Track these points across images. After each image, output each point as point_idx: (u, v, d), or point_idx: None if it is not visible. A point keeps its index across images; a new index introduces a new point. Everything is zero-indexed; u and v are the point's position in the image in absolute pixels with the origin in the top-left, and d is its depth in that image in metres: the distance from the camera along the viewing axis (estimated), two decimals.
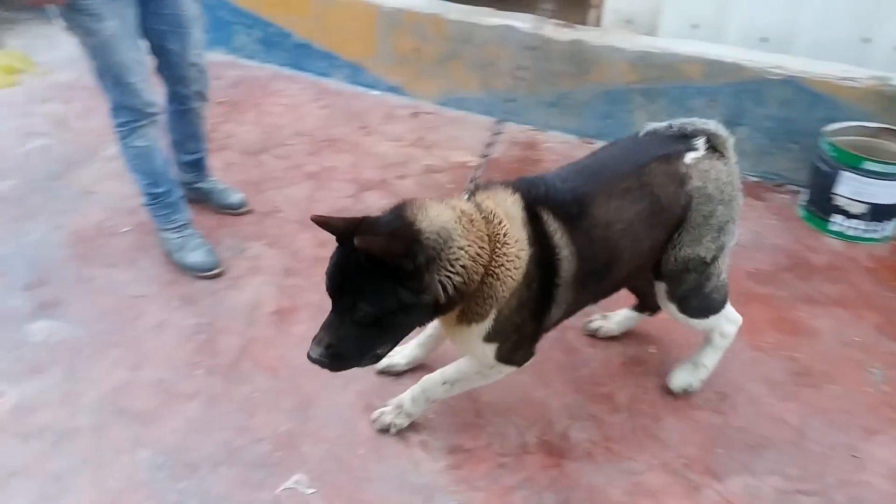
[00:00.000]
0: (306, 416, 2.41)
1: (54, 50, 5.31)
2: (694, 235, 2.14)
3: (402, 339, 1.98)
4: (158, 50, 2.85)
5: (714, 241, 2.16)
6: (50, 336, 2.71)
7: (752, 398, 2.53)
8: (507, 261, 1.87)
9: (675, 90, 3.88)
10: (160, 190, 2.98)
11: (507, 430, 2.38)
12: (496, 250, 1.87)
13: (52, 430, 2.34)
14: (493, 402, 2.48)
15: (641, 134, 2.28)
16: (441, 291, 1.79)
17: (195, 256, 3.02)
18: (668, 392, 2.52)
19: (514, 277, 1.89)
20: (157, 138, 2.88)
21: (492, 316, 1.93)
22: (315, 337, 1.87)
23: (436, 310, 1.85)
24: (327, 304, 2.89)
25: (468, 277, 1.83)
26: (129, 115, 2.76)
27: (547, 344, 2.70)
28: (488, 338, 1.99)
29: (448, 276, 1.79)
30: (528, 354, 2.15)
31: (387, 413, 2.35)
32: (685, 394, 2.51)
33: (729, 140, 2.22)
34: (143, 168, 2.91)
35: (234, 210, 3.48)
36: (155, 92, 2.82)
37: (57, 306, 2.85)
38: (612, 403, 2.49)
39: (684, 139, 2.17)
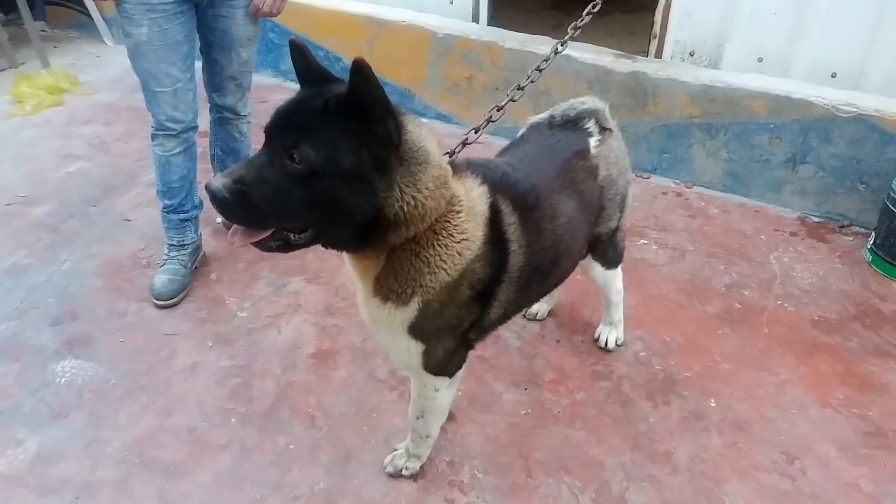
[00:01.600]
0: (346, 473, 2.27)
1: (100, 69, 5.31)
2: (606, 216, 2.30)
3: (324, 232, 1.56)
4: (205, 58, 2.93)
5: (620, 209, 2.38)
6: (76, 377, 2.59)
7: (822, 461, 2.35)
8: (446, 254, 1.67)
9: (737, 126, 3.72)
10: (168, 202, 3.01)
11: (560, 492, 2.23)
12: (438, 237, 1.66)
13: (72, 485, 2.21)
14: (545, 459, 2.33)
15: (527, 128, 2.36)
16: (394, 196, 1.50)
17: (156, 280, 2.98)
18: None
19: (448, 272, 1.69)
20: (178, 153, 2.90)
21: (416, 304, 1.71)
22: (227, 169, 1.56)
23: (371, 224, 1.53)
24: (370, 346, 2.79)
25: (410, 218, 1.55)
26: (153, 121, 2.83)
27: (602, 395, 2.57)
28: (414, 331, 1.77)
29: (403, 191, 1.52)
30: (461, 362, 2.01)
31: (397, 456, 2.28)
32: (619, 347, 2.80)
33: (606, 109, 2.32)
34: (159, 174, 2.96)
35: None
36: (187, 112, 2.82)
37: (85, 344, 2.74)
38: (671, 463, 2.33)
39: (573, 125, 2.25)
